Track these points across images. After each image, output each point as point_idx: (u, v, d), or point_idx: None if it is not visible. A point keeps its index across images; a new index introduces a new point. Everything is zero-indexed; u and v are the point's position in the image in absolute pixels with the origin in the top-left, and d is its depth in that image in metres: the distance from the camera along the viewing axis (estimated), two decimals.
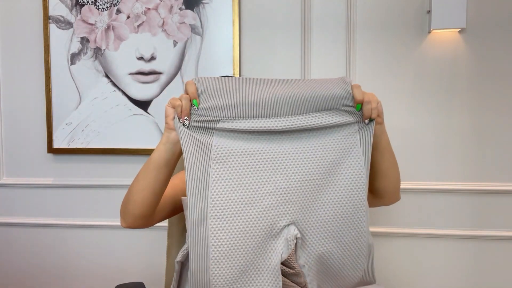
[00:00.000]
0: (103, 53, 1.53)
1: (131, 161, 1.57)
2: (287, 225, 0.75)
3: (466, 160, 1.44)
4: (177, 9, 1.48)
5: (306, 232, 0.75)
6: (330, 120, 0.77)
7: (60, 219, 1.61)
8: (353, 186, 0.77)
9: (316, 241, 0.76)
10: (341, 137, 0.78)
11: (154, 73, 1.51)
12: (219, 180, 0.73)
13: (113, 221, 1.59)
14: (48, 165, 1.61)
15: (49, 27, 1.53)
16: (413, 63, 1.44)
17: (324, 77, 1.47)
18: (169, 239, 1.18)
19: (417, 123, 1.45)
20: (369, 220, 1.48)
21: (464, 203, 1.45)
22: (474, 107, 1.43)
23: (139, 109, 1.53)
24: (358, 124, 0.79)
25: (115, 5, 1.50)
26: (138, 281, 1.01)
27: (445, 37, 1.42)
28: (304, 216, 0.75)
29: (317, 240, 0.76)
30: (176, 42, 1.50)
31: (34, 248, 1.64)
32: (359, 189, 0.77)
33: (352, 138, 0.79)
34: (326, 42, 1.47)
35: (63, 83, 1.55)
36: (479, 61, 1.42)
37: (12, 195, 1.63)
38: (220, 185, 0.73)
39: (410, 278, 1.50)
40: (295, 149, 0.76)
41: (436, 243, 1.48)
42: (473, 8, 1.40)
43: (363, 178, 0.78)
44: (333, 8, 1.46)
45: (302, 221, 0.75)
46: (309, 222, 0.75)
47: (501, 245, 1.45)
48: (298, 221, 0.75)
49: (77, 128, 1.56)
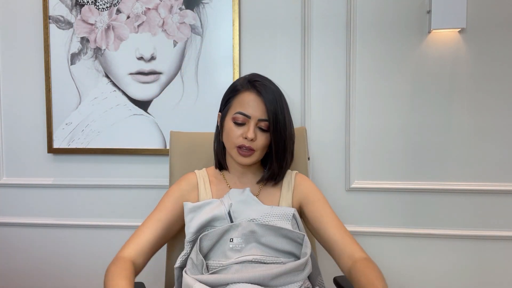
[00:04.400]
0: (103, 53, 1.53)
1: (131, 161, 1.57)
2: None
3: (466, 160, 1.44)
4: (177, 9, 1.48)
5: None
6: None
7: (60, 219, 1.61)
8: None
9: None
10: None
11: (154, 73, 1.51)
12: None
13: (113, 221, 1.59)
14: (48, 165, 1.61)
15: (49, 27, 1.53)
16: (413, 63, 1.44)
17: (324, 76, 1.47)
18: (170, 239, 1.18)
19: (417, 123, 1.45)
20: (368, 220, 1.49)
21: (464, 203, 1.45)
22: (474, 107, 1.43)
23: (139, 109, 1.53)
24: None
25: (115, 5, 1.50)
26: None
27: (445, 37, 1.42)
28: None
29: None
30: (176, 42, 1.50)
31: (34, 248, 1.64)
32: None
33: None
34: (326, 42, 1.47)
35: (63, 83, 1.55)
36: (479, 61, 1.41)
37: (12, 195, 1.63)
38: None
39: (410, 278, 1.50)
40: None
41: (436, 243, 1.47)
42: (473, 8, 1.40)
43: None
44: (333, 8, 1.46)
45: None
46: None
47: (501, 245, 1.45)
48: None
49: (77, 128, 1.56)
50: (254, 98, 1.00)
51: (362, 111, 1.47)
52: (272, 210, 0.99)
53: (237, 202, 1.00)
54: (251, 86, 1.02)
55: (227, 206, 0.99)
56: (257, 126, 1.00)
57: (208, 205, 1.01)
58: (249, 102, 1.00)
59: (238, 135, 1.00)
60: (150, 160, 1.56)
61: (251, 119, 0.99)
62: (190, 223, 0.98)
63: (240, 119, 1.00)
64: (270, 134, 1.00)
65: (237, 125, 1.00)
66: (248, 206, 1.00)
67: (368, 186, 1.48)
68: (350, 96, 1.46)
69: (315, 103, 1.48)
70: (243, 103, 1.00)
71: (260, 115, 0.99)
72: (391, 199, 1.48)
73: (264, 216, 0.98)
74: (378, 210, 1.49)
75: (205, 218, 0.98)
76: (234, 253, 0.94)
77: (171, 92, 1.51)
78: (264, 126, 1.00)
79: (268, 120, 0.99)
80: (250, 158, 1.01)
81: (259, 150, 1.01)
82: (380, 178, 1.48)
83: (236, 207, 0.99)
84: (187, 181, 1.08)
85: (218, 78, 1.50)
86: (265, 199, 1.06)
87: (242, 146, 1.00)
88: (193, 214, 0.99)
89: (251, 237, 0.95)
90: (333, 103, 1.48)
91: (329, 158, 1.49)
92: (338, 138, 1.48)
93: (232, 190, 1.04)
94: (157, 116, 1.53)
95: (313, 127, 1.49)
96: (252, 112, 0.99)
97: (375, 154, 1.47)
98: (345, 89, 1.47)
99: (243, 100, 1.01)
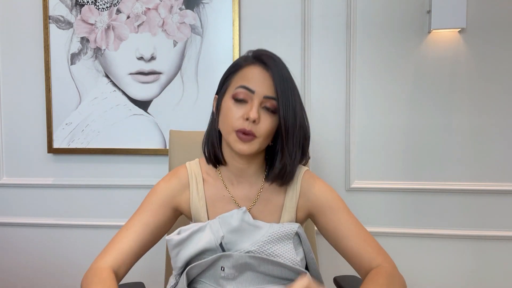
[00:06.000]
0: (103, 53, 1.53)
1: (131, 161, 1.57)
2: None
3: (466, 160, 1.44)
4: (177, 9, 1.48)
5: None
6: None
7: (60, 219, 1.61)
8: None
9: None
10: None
11: (154, 73, 1.51)
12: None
13: (113, 221, 1.59)
14: (48, 165, 1.60)
15: (49, 27, 1.53)
16: (413, 63, 1.44)
17: (324, 76, 1.47)
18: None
19: (417, 123, 1.45)
20: (368, 220, 1.49)
21: (464, 203, 1.45)
22: (474, 107, 1.43)
23: (139, 109, 1.53)
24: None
25: (115, 5, 1.50)
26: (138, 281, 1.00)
27: (445, 37, 1.42)
28: None
29: None
30: (176, 42, 1.50)
31: (34, 248, 1.64)
32: None
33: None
34: (326, 42, 1.47)
35: (63, 83, 1.55)
36: (479, 61, 1.41)
37: (12, 195, 1.63)
38: None
39: (410, 278, 1.50)
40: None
41: (436, 243, 1.47)
42: (473, 8, 1.40)
43: None
44: (333, 8, 1.46)
45: None
46: None
47: (501, 245, 1.45)
48: None
49: (77, 128, 1.56)
50: (259, 72, 0.83)
51: (362, 111, 1.47)
52: (272, 232, 0.84)
53: (230, 231, 0.83)
54: (256, 60, 0.85)
55: (218, 238, 0.82)
56: (262, 106, 0.82)
57: (195, 234, 0.84)
58: (253, 76, 0.83)
59: (238, 116, 0.81)
60: (150, 160, 1.56)
61: (254, 96, 0.81)
62: (177, 258, 0.84)
63: (241, 94, 0.82)
64: (278, 117, 0.82)
65: (237, 103, 0.82)
66: (242, 234, 0.84)
67: (368, 186, 1.48)
68: (350, 96, 1.46)
69: (315, 103, 1.48)
70: (245, 77, 0.83)
71: (267, 92, 0.81)
72: (391, 199, 1.48)
73: (262, 245, 0.82)
74: (378, 210, 1.49)
75: (193, 251, 0.83)
76: (228, 282, 0.83)
77: (171, 92, 1.51)
78: (270, 106, 0.82)
79: (276, 98, 0.81)
80: (250, 145, 0.81)
81: (261, 137, 0.82)
82: (380, 178, 1.48)
83: (228, 238, 0.83)
84: (178, 179, 0.91)
85: (218, 78, 1.46)
86: (265, 207, 0.90)
87: (242, 130, 0.80)
88: (179, 248, 0.84)
89: (245, 267, 0.83)
90: (333, 103, 1.48)
91: (329, 158, 1.49)
92: (338, 138, 1.48)
93: (222, 216, 0.85)
94: (157, 116, 1.53)
95: (313, 127, 1.48)
96: (256, 86, 0.81)
97: (375, 154, 1.47)
98: (345, 89, 1.47)
99: (246, 74, 0.84)
